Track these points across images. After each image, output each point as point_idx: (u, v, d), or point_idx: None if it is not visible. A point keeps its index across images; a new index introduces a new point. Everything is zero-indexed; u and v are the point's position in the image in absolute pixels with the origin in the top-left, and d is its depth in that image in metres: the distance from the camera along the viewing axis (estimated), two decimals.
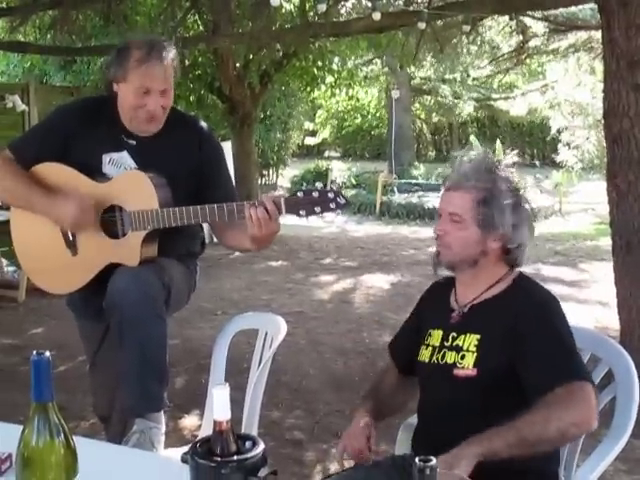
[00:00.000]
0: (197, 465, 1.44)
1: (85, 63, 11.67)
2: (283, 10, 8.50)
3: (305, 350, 5.96)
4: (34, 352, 1.38)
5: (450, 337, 2.28)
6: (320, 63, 11.18)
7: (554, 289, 8.44)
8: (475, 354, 2.20)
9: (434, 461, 1.08)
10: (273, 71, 11.05)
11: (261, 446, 1.47)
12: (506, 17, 8.40)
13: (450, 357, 2.25)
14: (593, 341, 2.44)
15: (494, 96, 21.83)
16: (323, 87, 13.48)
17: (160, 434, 2.64)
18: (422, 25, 5.63)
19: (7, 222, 2.91)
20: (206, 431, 2.71)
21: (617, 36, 4.65)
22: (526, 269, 8.06)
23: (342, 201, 2.51)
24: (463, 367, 2.21)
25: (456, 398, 2.21)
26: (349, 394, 5.04)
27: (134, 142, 2.80)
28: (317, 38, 8.21)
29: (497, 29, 9.45)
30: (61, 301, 3.08)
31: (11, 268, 8.07)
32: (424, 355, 2.34)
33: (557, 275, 8.91)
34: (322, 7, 5.80)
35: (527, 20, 8.55)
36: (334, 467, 3.99)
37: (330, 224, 13.23)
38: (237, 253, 10.06)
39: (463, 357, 2.22)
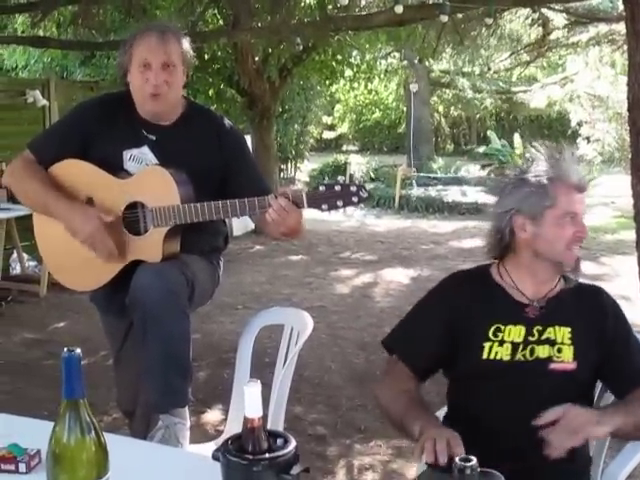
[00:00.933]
0: (229, 463, 1.43)
1: (104, 57, 11.70)
2: (302, 3, 8.48)
3: (326, 345, 5.95)
4: (65, 349, 1.38)
5: (535, 331, 2.20)
6: (339, 57, 11.16)
7: None
8: (572, 347, 2.17)
9: (474, 461, 1.06)
10: (292, 65, 11.03)
11: (293, 444, 1.46)
12: (527, 9, 8.36)
13: (543, 351, 2.18)
14: None
15: (513, 89, 21.71)
16: (342, 81, 13.45)
17: (185, 429, 2.64)
18: (444, 18, 5.59)
19: (27, 217, 2.92)
20: (232, 426, 2.71)
21: None
22: None
23: (364, 194, 2.50)
24: (562, 361, 2.17)
25: (552, 394, 2.14)
26: (371, 389, 5.02)
27: (154, 137, 2.80)
28: (337, 32, 8.19)
29: (518, 22, 9.38)
30: (83, 296, 3.09)
31: (32, 263, 8.10)
32: (500, 353, 2.19)
33: None
34: (343, 1, 5.76)
35: (548, 13, 8.49)
36: (357, 462, 3.99)
37: (349, 218, 13.20)
38: (257, 247, 10.09)
39: (560, 350, 2.18)
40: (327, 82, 12.98)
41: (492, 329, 2.20)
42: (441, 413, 2.36)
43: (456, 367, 2.30)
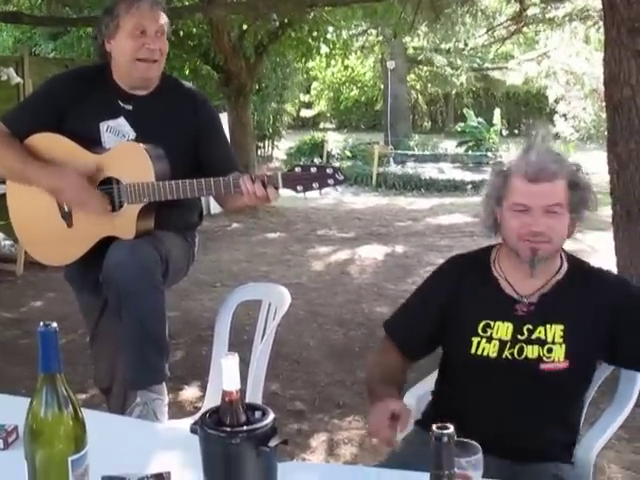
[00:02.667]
0: (207, 435, 1.42)
1: (75, 34, 11.57)
2: None
3: (305, 321, 5.96)
4: (41, 323, 1.36)
5: (525, 330, 2.16)
6: (315, 33, 11.11)
7: None
8: (564, 345, 2.12)
9: (451, 429, 1.07)
10: (268, 42, 10.98)
11: (271, 416, 1.46)
12: None
13: (532, 352, 2.14)
14: None
15: (490, 66, 21.74)
16: (318, 57, 13.41)
17: (163, 405, 2.64)
18: None
19: (3, 196, 2.88)
20: (210, 402, 2.71)
21: (618, 3, 4.60)
22: None
23: (340, 177, 2.50)
24: (553, 361, 2.12)
25: (538, 392, 2.14)
26: (349, 364, 5.05)
27: (130, 107, 2.79)
28: (314, 7, 8.14)
29: None
30: (59, 274, 3.07)
31: (8, 242, 8.03)
32: (487, 349, 2.16)
33: None
34: None
35: None
36: (336, 437, 4.01)
37: (326, 195, 13.19)
38: (235, 225, 10.07)
39: (550, 350, 2.13)
40: (303, 59, 12.92)
41: (482, 324, 2.18)
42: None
43: (445, 356, 2.32)
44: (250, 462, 1.41)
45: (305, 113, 28.27)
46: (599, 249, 8.37)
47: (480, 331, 2.18)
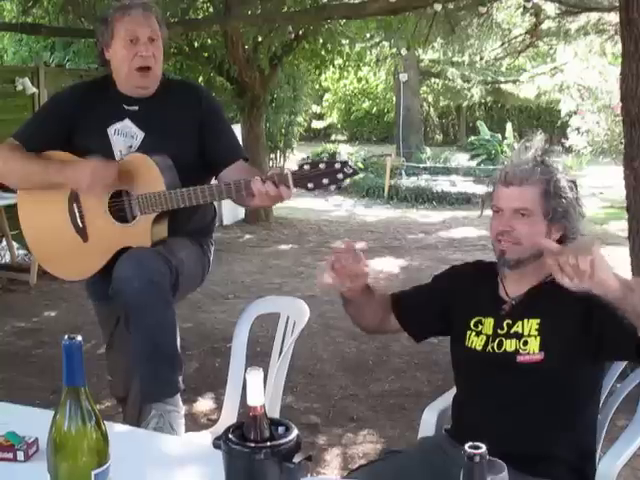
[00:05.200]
0: (231, 451, 1.42)
1: (89, 44, 11.62)
2: None
3: (318, 334, 5.94)
4: (65, 336, 1.36)
5: (505, 324, 2.25)
6: (330, 45, 11.11)
7: None
8: (538, 337, 2.19)
9: (484, 449, 1.06)
10: (282, 53, 10.99)
11: (295, 432, 1.45)
12: None
13: (510, 345, 2.22)
14: None
15: (502, 79, 21.71)
16: (332, 69, 13.41)
17: (179, 417, 2.64)
18: (438, 7, 5.57)
19: (16, 205, 2.90)
20: (227, 415, 2.70)
21: (636, 17, 4.58)
22: None
23: (349, 171, 2.49)
24: (528, 353, 2.19)
25: (519, 385, 2.19)
26: (363, 378, 5.04)
27: (135, 108, 2.82)
28: (330, 20, 8.15)
29: (509, 11, 9.36)
30: (73, 284, 3.08)
31: (22, 251, 8.06)
32: (475, 343, 2.29)
33: None
34: None
35: (540, 1, 8.47)
36: (351, 451, 4.00)
37: (339, 207, 13.20)
38: (247, 236, 10.07)
39: (526, 343, 2.20)
40: (317, 71, 12.94)
41: (474, 320, 2.31)
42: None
43: (451, 353, 2.43)
44: (274, 478, 1.40)
45: (316, 124, 28.27)
46: (612, 264, 8.32)
47: (472, 326, 2.31)
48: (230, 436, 1.44)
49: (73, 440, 1.36)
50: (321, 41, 10.98)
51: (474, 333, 2.30)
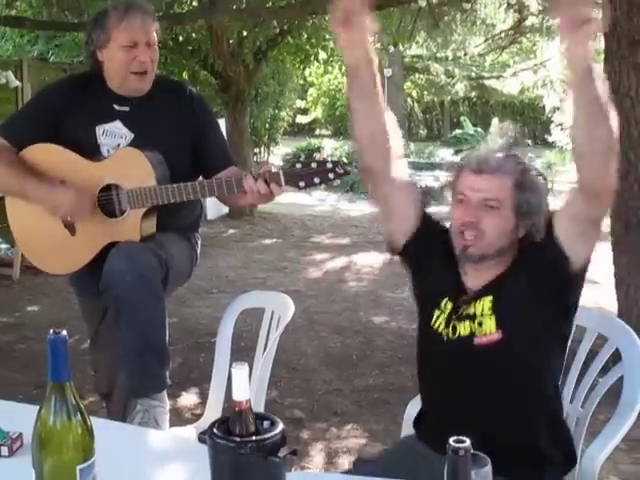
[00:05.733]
0: (216, 445, 1.42)
1: (72, 38, 11.57)
2: None
3: (302, 329, 5.95)
4: (50, 330, 1.36)
5: (460, 309, 2.12)
6: (314, 40, 11.11)
7: None
8: (493, 316, 2.06)
9: (468, 443, 1.07)
10: (267, 48, 10.98)
11: (280, 426, 1.46)
12: None
13: (464, 328, 2.10)
14: (600, 321, 2.44)
15: (486, 75, 21.78)
16: (316, 64, 13.41)
17: (164, 413, 2.64)
18: (422, 2, 5.58)
19: (2, 199, 2.89)
20: (212, 409, 2.71)
21: (618, 16, 4.62)
22: None
23: (341, 171, 2.51)
24: (485, 334, 2.07)
25: (485, 368, 2.08)
26: (347, 373, 5.05)
27: (127, 108, 2.80)
28: (315, 14, 8.15)
29: (493, 7, 9.39)
30: (56, 279, 3.08)
31: (4, 245, 8.02)
32: (438, 323, 2.15)
33: None
34: None
35: None
36: (335, 446, 4.01)
37: (323, 202, 13.21)
38: (231, 231, 10.07)
39: (481, 324, 2.07)
40: (301, 66, 12.94)
41: (442, 297, 2.16)
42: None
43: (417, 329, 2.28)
44: (260, 472, 1.40)
45: (301, 119, 28.23)
46: (593, 258, 8.37)
47: (438, 303, 2.17)
48: (215, 431, 1.44)
49: (58, 435, 1.36)
50: (305, 36, 10.99)
51: (438, 311, 2.16)
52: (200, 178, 2.79)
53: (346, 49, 2.13)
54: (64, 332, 1.36)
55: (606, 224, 5.01)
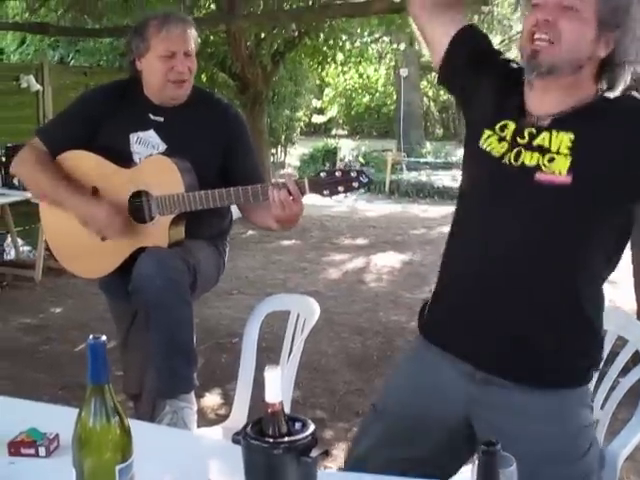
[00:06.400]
0: (250, 446, 1.47)
1: (92, 42, 11.68)
2: None
3: (322, 330, 5.98)
4: (90, 336, 1.41)
5: (527, 133, 1.89)
6: (332, 41, 11.16)
7: None
8: (570, 157, 1.81)
9: (499, 446, 1.10)
10: (285, 50, 11.04)
11: (311, 427, 1.50)
12: None
13: (531, 158, 1.86)
14: (620, 322, 2.44)
15: None
16: (333, 65, 13.47)
17: (192, 414, 2.69)
18: None
19: (21, 202, 2.97)
20: (238, 410, 2.75)
21: None
22: None
23: (365, 180, 2.55)
24: (553, 172, 1.82)
25: (535, 208, 1.86)
26: (367, 373, 5.09)
27: (161, 119, 2.85)
28: (333, 18, 8.19)
29: (510, 7, 9.41)
30: (78, 280, 3.13)
31: (27, 248, 8.10)
32: (494, 147, 1.93)
33: None
34: None
35: None
36: None
37: (340, 203, 13.24)
38: (250, 232, 10.10)
39: (552, 160, 1.83)
40: (319, 67, 13.00)
41: (500, 124, 1.95)
42: None
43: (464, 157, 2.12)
44: (292, 472, 1.45)
45: (317, 119, 28.27)
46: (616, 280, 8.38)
47: (498, 129, 1.94)
48: (249, 432, 1.49)
49: (98, 436, 1.40)
50: (323, 37, 11.03)
51: (496, 137, 1.93)
52: None
53: None
54: (103, 337, 1.41)
55: None
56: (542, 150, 1.85)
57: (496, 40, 12.80)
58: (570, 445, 1.95)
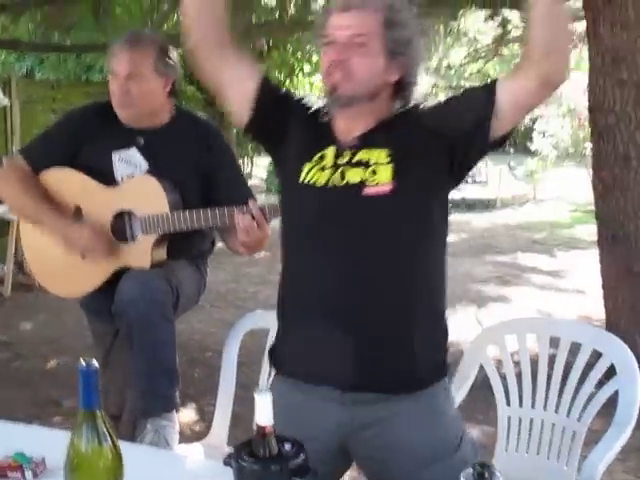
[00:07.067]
0: (242, 468, 1.49)
1: (59, 56, 11.63)
2: (262, 2, 8.50)
3: None
4: (81, 360, 1.42)
5: (345, 154, 1.97)
6: (299, 54, 11.21)
7: (534, 279, 8.50)
8: (390, 165, 1.92)
9: (493, 467, 1.13)
10: None
11: (302, 448, 1.52)
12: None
13: (354, 174, 1.94)
14: (595, 337, 2.50)
15: (468, 84, 21.90)
16: (301, 76, 13.51)
17: (174, 432, 2.70)
18: None
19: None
20: (219, 428, 2.75)
21: (602, 32, 4.74)
22: (504, 258, 8.28)
23: None
24: (377, 183, 1.91)
25: (366, 222, 1.94)
26: None
27: (142, 138, 2.86)
28: (303, 32, 8.23)
29: (475, 20, 9.51)
30: (48, 296, 3.11)
31: None
32: (317, 177, 1.97)
33: (536, 265, 9.02)
34: (317, 6, 5.83)
35: (506, 12, 8.60)
36: None
37: None
38: (219, 245, 10.08)
39: (375, 172, 1.92)
40: (287, 80, 13.04)
41: (317, 155, 2.01)
42: None
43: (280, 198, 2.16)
44: None
45: None
46: (578, 268, 8.49)
47: (316, 160, 2.00)
48: (240, 454, 1.51)
49: (90, 461, 1.42)
50: (291, 50, 11.07)
51: (318, 168, 1.98)
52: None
53: None
54: (95, 362, 1.42)
55: (585, 232, 5.11)
56: (364, 164, 1.94)
57: (462, 53, 12.94)
58: (444, 441, 2.00)
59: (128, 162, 2.83)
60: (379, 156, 1.93)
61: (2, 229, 7.29)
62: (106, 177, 2.82)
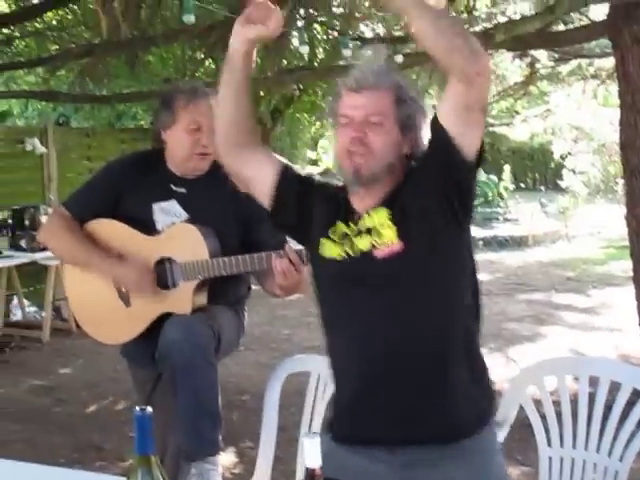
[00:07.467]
0: None
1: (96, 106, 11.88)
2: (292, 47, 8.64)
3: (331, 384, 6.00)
4: (137, 407, 1.47)
5: (352, 225, 2.09)
6: (330, 97, 11.31)
7: (568, 317, 8.44)
8: (394, 226, 2.01)
9: None
10: (284, 107, 11.16)
11: None
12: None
13: (364, 243, 2.05)
14: (634, 375, 2.47)
15: (496, 122, 21.93)
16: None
17: (217, 475, 2.73)
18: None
19: (28, 264, 3.05)
20: (261, 473, 2.77)
21: (631, 71, 4.78)
22: (538, 296, 8.26)
23: None
24: (386, 245, 2.01)
25: (381, 283, 2.02)
26: None
27: (183, 190, 2.93)
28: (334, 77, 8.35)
29: (502, 59, 9.57)
30: (86, 340, 3.17)
31: (32, 308, 8.16)
32: (333, 251, 2.10)
33: (570, 302, 8.97)
34: (347, 52, 5.92)
35: (534, 52, 8.68)
36: None
37: None
38: (253, 287, 10.14)
39: (380, 235, 2.02)
40: (317, 123, 13.16)
41: (332, 228, 2.12)
42: None
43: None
44: None
45: (312, 170, 28.36)
46: (613, 305, 8.44)
47: (331, 234, 2.12)
48: None
49: None
50: (320, 93, 11.18)
51: (331, 242, 2.11)
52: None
53: (234, 37, 2.14)
54: (149, 409, 1.48)
55: (620, 268, 5.09)
56: (369, 231, 2.04)
57: (493, 91, 13.00)
58: None
59: (168, 213, 2.91)
60: (380, 216, 2.03)
61: (40, 275, 7.42)
62: (147, 227, 2.90)
